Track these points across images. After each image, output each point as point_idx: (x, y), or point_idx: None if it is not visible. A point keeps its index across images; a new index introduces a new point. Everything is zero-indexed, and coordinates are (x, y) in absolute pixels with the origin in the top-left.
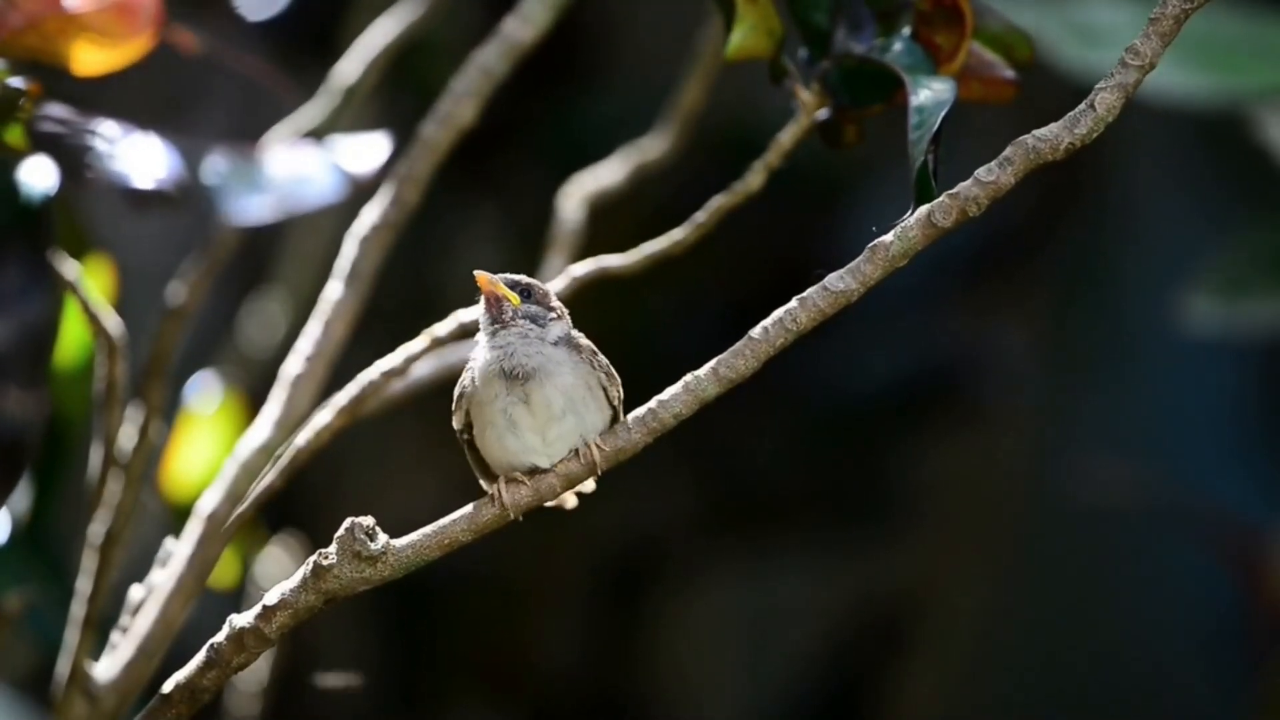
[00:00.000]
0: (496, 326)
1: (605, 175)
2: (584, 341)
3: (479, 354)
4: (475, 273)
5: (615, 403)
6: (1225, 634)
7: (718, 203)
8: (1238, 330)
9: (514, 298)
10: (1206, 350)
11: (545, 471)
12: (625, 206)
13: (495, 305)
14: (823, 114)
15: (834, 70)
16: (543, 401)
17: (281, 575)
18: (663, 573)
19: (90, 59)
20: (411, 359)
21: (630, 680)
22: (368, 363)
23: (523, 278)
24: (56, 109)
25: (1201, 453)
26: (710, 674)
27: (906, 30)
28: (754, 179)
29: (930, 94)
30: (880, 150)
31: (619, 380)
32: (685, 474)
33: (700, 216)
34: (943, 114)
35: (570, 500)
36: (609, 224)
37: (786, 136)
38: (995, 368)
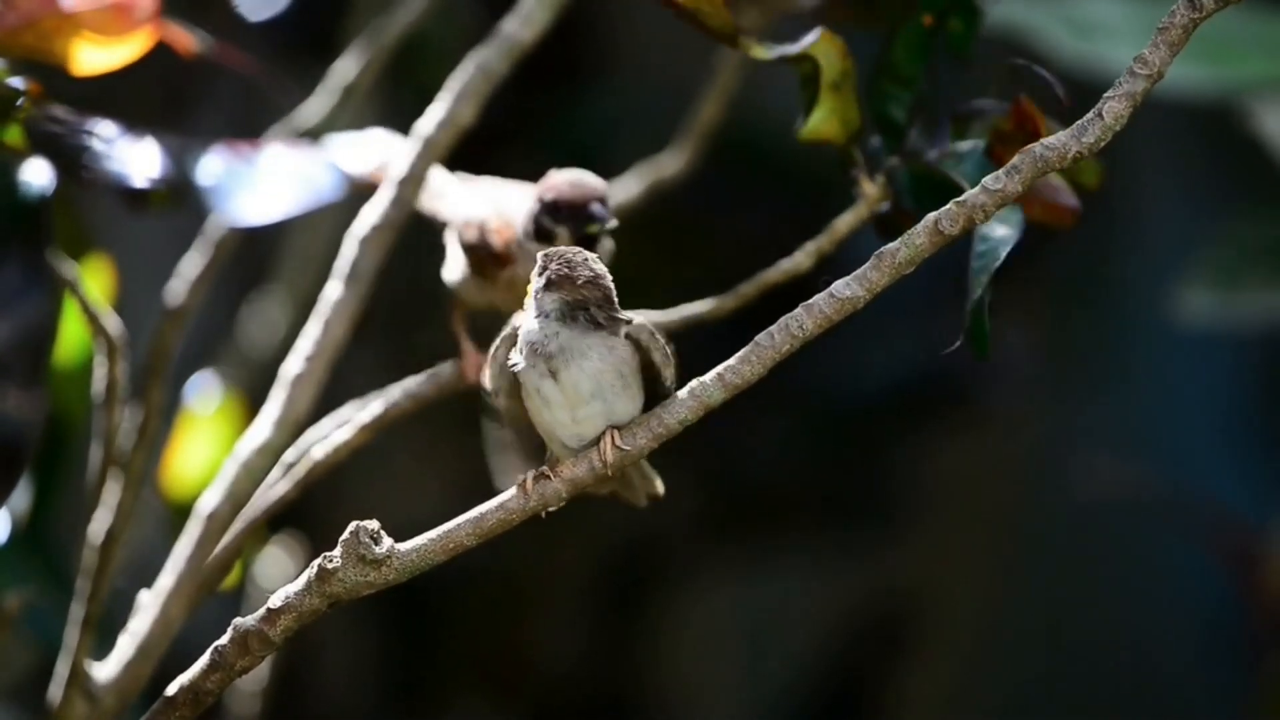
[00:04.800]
0: (545, 310)
1: (620, 191)
2: (633, 333)
3: (524, 327)
4: None
5: (669, 383)
6: (1224, 632)
7: (763, 277)
8: (1231, 322)
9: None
10: (1207, 349)
11: (550, 478)
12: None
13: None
14: (883, 206)
15: (902, 170)
16: (570, 383)
17: (282, 576)
18: (664, 573)
19: (87, 58)
20: (438, 384)
21: (631, 680)
22: (367, 362)
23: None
24: (54, 108)
25: (1201, 451)
26: (711, 674)
27: (979, 143)
28: (803, 259)
29: (997, 228)
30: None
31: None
32: (687, 474)
33: (744, 288)
34: (1007, 252)
35: (642, 500)
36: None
37: (843, 224)
38: (997, 368)
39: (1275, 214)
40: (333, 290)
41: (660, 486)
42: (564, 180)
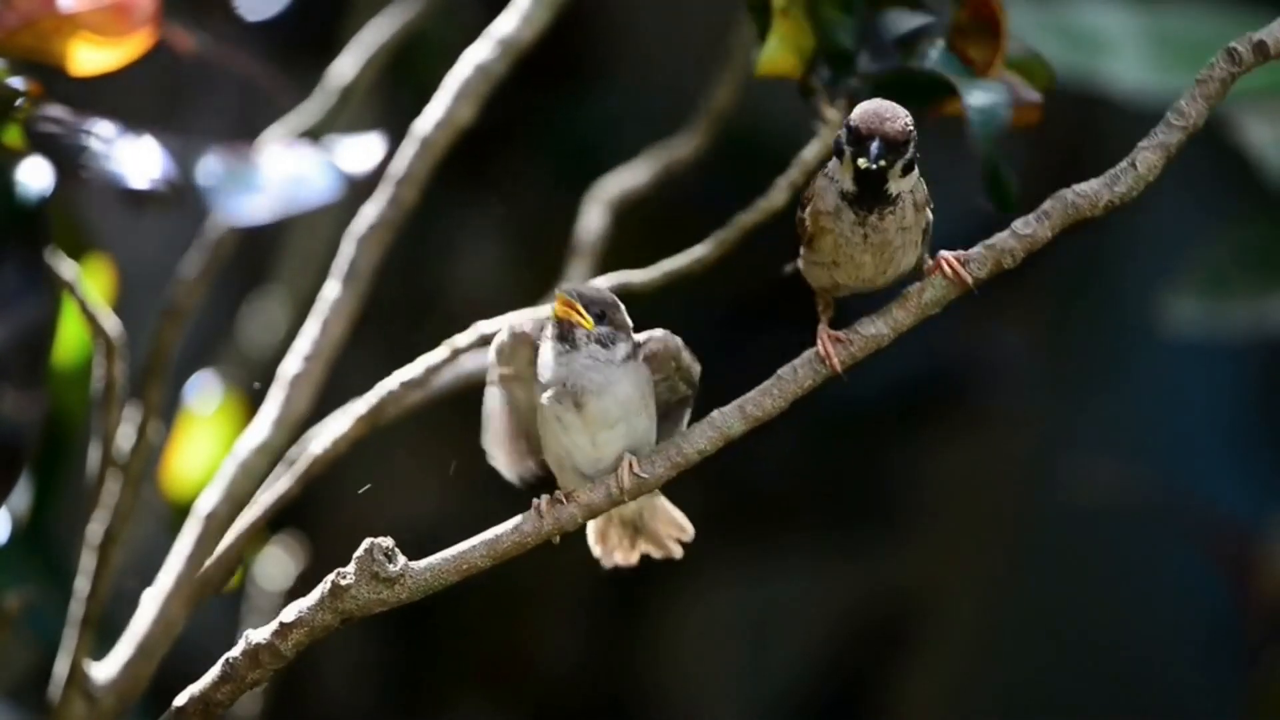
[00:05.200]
0: (566, 347)
1: (630, 177)
2: (656, 347)
3: (546, 359)
4: (559, 292)
5: (694, 384)
6: (1221, 633)
7: (741, 220)
8: (1219, 331)
9: (589, 323)
10: (1203, 352)
11: (566, 501)
12: (635, 205)
13: (569, 328)
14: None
15: (865, 87)
16: (599, 411)
17: (281, 576)
18: (665, 573)
19: (86, 59)
20: (432, 370)
21: (632, 680)
22: (366, 362)
23: (605, 296)
24: (53, 109)
25: (1199, 454)
26: (712, 674)
27: (939, 44)
28: (777, 196)
29: (985, 94)
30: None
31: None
32: (687, 474)
33: (723, 234)
34: (1006, 112)
35: (676, 550)
36: (618, 223)
37: (810, 154)
38: (995, 370)
39: (1261, 223)
40: (331, 290)
41: (689, 527)
42: (873, 107)
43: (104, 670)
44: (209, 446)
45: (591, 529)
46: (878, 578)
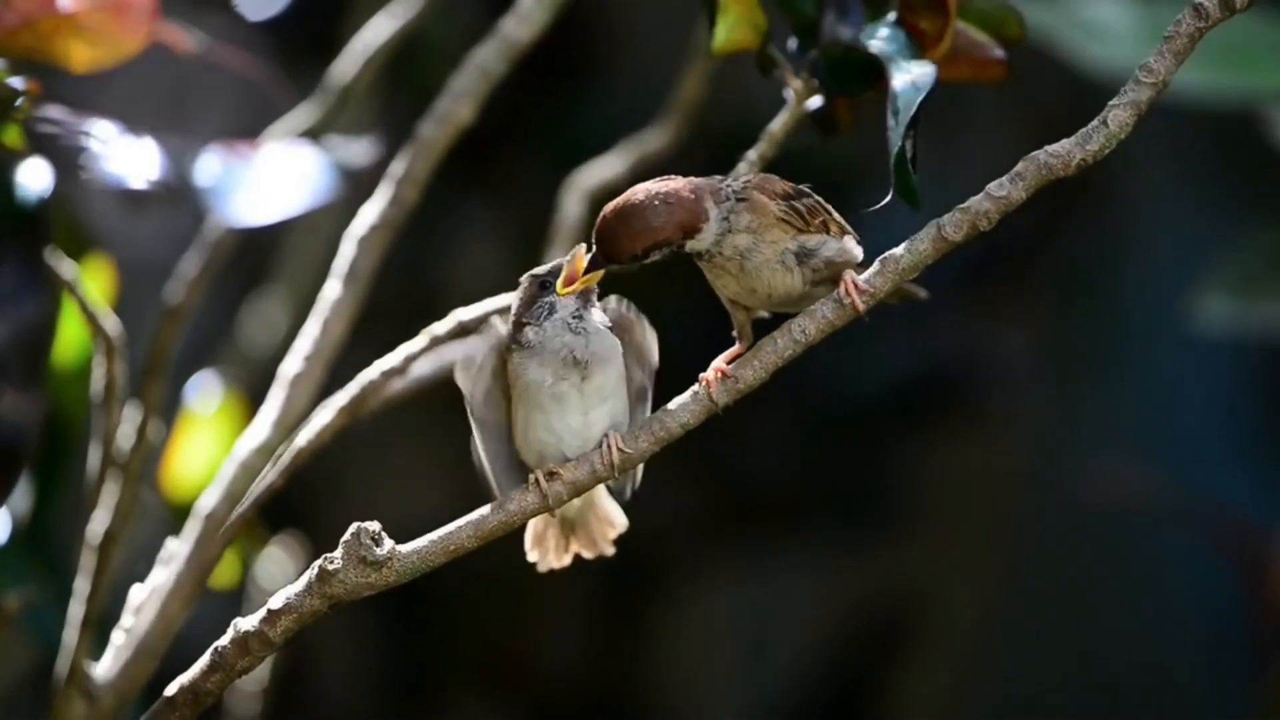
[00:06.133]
0: (578, 314)
1: (606, 168)
2: (627, 314)
3: (549, 335)
4: (582, 259)
5: (653, 360)
6: (1229, 635)
7: None
8: (1249, 329)
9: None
10: (1209, 351)
11: (555, 476)
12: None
13: (587, 293)
14: (815, 102)
15: (821, 59)
16: (595, 388)
17: (281, 575)
18: (664, 573)
19: (85, 57)
20: (411, 358)
21: (631, 680)
22: (366, 362)
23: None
24: (53, 109)
25: (1204, 453)
26: (711, 674)
27: (892, 16)
28: (744, 169)
29: (909, 79)
30: (879, 148)
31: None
32: (687, 474)
33: None
34: (920, 100)
35: (608, 548)
36: (595, 212)
37: (778, 126)
38: (997, 369)
39: None
40: (331, 290)
41: (623, 521)
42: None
43: (104, 670)
44: (209, 446)
45: (529, 533)
46: (877, 578)
